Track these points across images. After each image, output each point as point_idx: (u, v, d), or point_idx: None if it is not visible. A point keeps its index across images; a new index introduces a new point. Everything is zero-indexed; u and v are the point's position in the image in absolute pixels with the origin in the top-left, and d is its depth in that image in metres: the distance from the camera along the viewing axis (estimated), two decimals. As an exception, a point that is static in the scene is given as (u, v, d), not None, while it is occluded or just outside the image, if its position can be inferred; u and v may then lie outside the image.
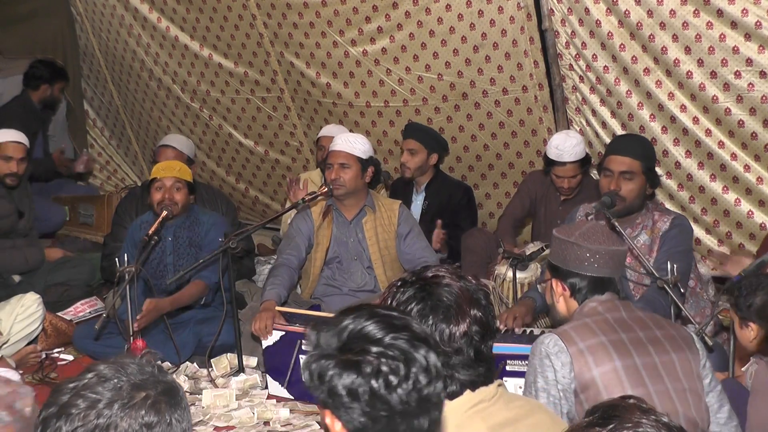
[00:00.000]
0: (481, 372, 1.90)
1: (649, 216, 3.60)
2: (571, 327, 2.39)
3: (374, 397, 1.45)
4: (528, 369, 2.42)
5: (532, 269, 4.10)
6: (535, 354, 2.38)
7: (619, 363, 2.28)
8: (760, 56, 3.78)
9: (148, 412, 1.44)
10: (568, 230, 2.55)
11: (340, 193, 4.06)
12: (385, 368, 1.45)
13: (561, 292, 2.54)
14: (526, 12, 4.36)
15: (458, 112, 4.87)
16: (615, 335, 2.35)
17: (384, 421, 1.46)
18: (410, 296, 1.91)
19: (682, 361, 2.35)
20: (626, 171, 3.53)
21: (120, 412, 1.42)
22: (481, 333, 1.90)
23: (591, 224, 2.56)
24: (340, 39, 4.94)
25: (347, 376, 1.46)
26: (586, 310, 2.46)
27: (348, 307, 1.61)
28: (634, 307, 2.51)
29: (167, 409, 1.46)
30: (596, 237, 2.48)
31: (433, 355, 1.50)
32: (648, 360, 2.31)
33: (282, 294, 3.91)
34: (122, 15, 6.02)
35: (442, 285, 1.92)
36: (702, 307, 3.70)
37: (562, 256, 2.51)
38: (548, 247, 4.14)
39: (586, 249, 2.45)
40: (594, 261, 2.46)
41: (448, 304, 1.89)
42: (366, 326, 1.51)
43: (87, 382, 1.46)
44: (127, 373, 1.48)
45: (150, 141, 6.62)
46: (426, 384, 1.48)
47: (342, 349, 1.50)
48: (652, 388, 2.27)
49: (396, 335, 1.50)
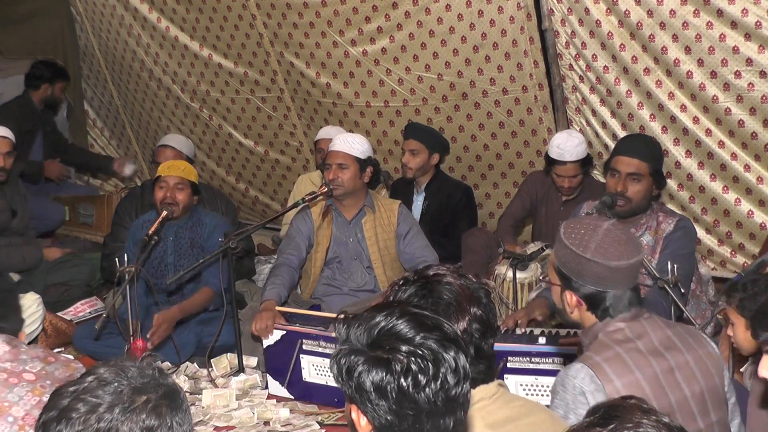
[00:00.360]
0: (481, 369, 1.92)
1: (653, 217, 3.59)
2: (604, 359, 2.16)
3: (402, 395, 1.46)
4: (556, 401, 2.19)
5: (532, 269, 4.10)
6: (567, 388, 2.15)
7: (654, 404, 2.17)
8: (760, 56, 3.78)
9: (149, 416, 1.44)
10: (579, 239, 2.24)
11: (339, 193, 4.06)
12: (415, 367, 1.47)
13: (576, 304, 2.29)
14: (526, 12, 4.36)
15: (458, 112, 4.87)
16: (649, 369, 2.18)
17: (410, 419, 1.47)
18: (411, 294, 1.93)
19: (711, 392, 2.26)
20: (634, 173, 3.50)
21: (121, 416, 1.42)
22: (481, 330, 1.92)
23: (604, 233, 2.25)
24: (340, 39, 4.94)
25: (376, 373, 1.47)
26: (611, 330, 2.23)
27: (379, 303, 1.62)
28: (657, 320, 2.34)
29: (168, 413, 1.47)
30: (614, 250, 2.21)
31: (463, 357, 1.52)
32: (679, 395, 2.20)
33: (282, 294, 3.91)
34: (122, 15, 6.02)
35: (442, 283, 1.94)
36: (703, 309, 3.69)
37: (576, 270, 2.24)
38: (548, 246, 4.16)
39: (604, 266, 2.20)
40: (613, 278, 2.21)
41: (449, 302, 1.91)
42: (397, 324, 1.52)
43: (87, 386, 1.46)
44: (128, 377, 1.48)
45: (150, 141, 6.62)
46: (454, 384, 1.49)
47: (372, 346, 1.51)
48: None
49: (427, 335, 1.51)
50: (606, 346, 2.20)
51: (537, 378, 3.27)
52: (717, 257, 4.36)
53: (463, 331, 1.89)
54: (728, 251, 4.32)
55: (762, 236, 4.15)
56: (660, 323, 2.31)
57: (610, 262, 2.19)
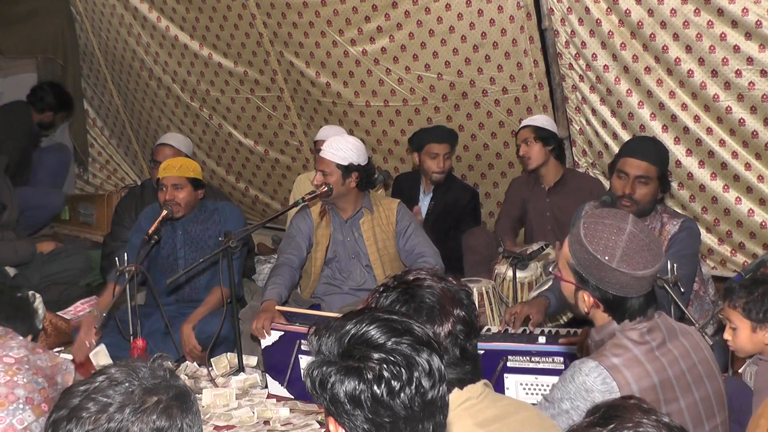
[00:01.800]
0: (468, 369, 1.93)
1: (657, 218, 3.58)
2: (622, 363, 2.12)
3: (377, 403, 1.43)
4: (559, 387, 2.18)
5: (532, 268, 4.10)
6: (575, 381, 2.13)
7: (664, 409, 2.13)
8: (761, 55, 3.77)
9: (159, 417, 1.43)
10: (604, 246, 2.14)
11: (326, 198, 4.06)
12: (387, 374, 1.44)
13: (593, 305, 2.22)
14: (526, 11, 4.36)
15: (458, 112, 4.87)
16: (663, 372, 2.15)
17: (388, 427, 1.45)
18: (393, 300, 1.93)
19: (716, 394, 2.24)
20: (642, 175, 3.49)
21: (131, 417, 1.41)
22: (465, 332, 1.93)
23: (628, 238, 2.16)
24: (340, 38, 4.94)
25: (349, 382, 1.45)
26: (629, 332, 2.19)
27: (350, 311, 1.60)
28: (668, 319, 2.29)
29: (179, 414, 1.46)
30: (639, 258, 2.13)
31: (437, 359, 1.49)
32: (690, 399, 2.18)
33: (283, 293, 3.90)
34: (122, 14, 6.02)
35: (423, 287, 1.94)
36: (706, 310, 3.69)
37: (599, 276, 2.15)
38: (548, 246, 4.17)
39: (630, 276, 2.12)
40: (638, 285, 2.15)
41: (431, 305, 1.91)
42: (368, 331, 1.50)
43: (98, 386, 1.44)
44: (139, 377, 1.47)
45: (150, 140, 6.62)
46: (429, 388, 1.46)
47: (343, 356, 1.48)
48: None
49: (398, 340, 1.48)
50: (623, 347, 2.16)
51: (537, 377, 3.26)
52: (717, 256, 4.36)
53: (448, 333, 1.90)
54: (728, 250, 4.32)
55: (762, 235, 4.15)
56: (670, 322, 2.28)
57: (637, 271, 2.12)
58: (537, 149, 4.41)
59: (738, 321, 2.79)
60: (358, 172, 4.03)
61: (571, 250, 2.22)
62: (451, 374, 1.88)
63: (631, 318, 2.20)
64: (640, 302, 2.19)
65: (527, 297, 3.96)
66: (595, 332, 2.29)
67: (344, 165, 3.99)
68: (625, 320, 2.21)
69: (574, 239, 2.21)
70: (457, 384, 1.90)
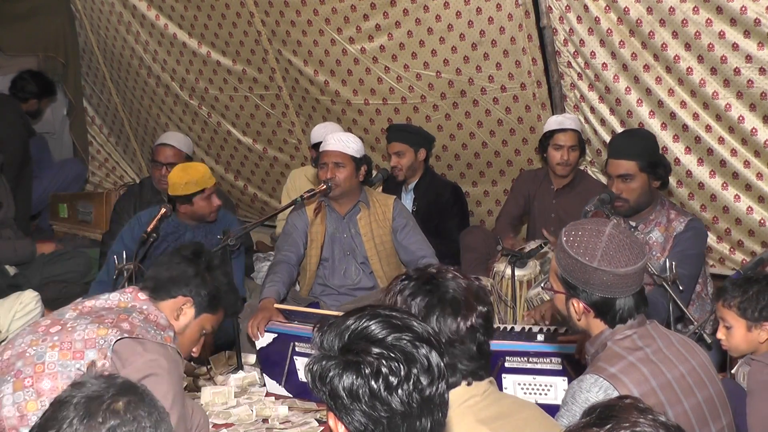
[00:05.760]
0: (482, 364, 1.96)
1: (663, 213, 3.58)
2: (620, 370, 2.11)
3: (374, 397, 1.44)
4: (564, 412, 2.15)
5: (530, 266, 4.09)
6: (577, 401, 2.10)
7: (670, 411, 2.11)
8: (760, 53, 3.77)
9: (108, 419, 1.45)
10: (584, 248, 2.17)
11: (336, 193, 4.05)
12: (385, 369, 1.45)
13: (583, 311, 2.24)
14: (525, 9, 4.35)
15: (456, 110, 4.86)
16: (662, 376, 2.15)
17: (385, 422, 1.45)
18: (415, 290, 1.95)
19: (719, 396, 2.23)
20: (623, 174, 3.53)
21: (82, 427, 1.44)
22: (485, 327, 1.96)
23: (607, 239, 2.19)
24: (338, 37, 4.93)
25: (347, 376, 1.46)
26: (619, 338, 2.20)
27: (354, 308, 1.61)
28: (659, 327, 2.30)
29: (128, 409, 1.47)
30: (620, 256, 2.16)
31: (436, 355, 1.49)
32: (693, 401, 2.17)
33: (281, 291, 3.90)
34: (120, 12, 6.01)
35: (447, 279, 1.98)
36: (707, 311, 3.68)
37: (583, 279, 2.18)
38: (546, 244, 4.16)
39: (613, 274, 2.15)
40: (622, 283, 2.17)
41: (457, 298, 1.94)
42: (368, 326, 1.51)
43: (48, 415, 1.48)
44: (81, 389, 1.49)
45: (149, 138, 6.62)
46: (428, 384, 1.47)
47: (343, 350, 1.49)
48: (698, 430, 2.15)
49: (398, 335, 1.49)
50: (618, 356, 2.16)
51: (535, 377, 3.26)
52: (716, 254, 4.36)
53: (470, 328, 1.93)
54: (727, 248, 4.32)
55: (761, 232, 4.15)
56: (663, 330, 2.29)
57: (618, 269, 2.14)
58: (575, 157, 4.40)
59: (733, 320, 2.79)
60: (367, 165, 4.12)
61: (557, 260, 2.25)
62: (465, 366, 1.93)
63: (622, 320, 2.20)
64: (629, 303, 2.20)
65: (526, 295, 3.96)
66: (589, 345, 2.29)
67: (358, 157, 4.04)
68: (617, 324, 2.21)
69: (558, 249, 2.24)
70: (468, 376, 1.93)
